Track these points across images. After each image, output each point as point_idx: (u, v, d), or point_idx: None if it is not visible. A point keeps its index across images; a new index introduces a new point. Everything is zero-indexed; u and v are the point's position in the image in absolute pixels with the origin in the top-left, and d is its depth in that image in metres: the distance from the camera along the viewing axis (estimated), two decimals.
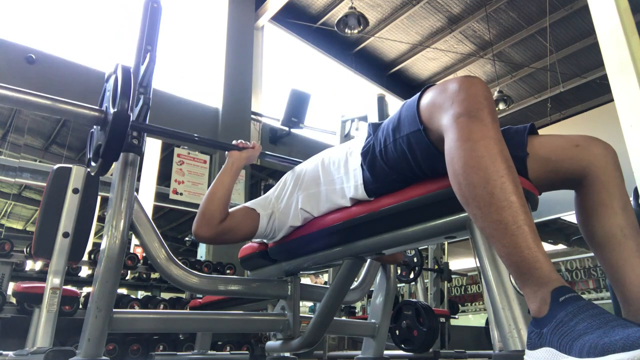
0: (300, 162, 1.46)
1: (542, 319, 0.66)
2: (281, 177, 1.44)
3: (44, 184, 2.06)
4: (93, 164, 1.20)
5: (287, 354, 1.49)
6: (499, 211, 0.71)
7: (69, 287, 3.07)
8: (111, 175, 1.26)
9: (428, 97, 0.89)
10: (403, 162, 0.97)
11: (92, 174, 1.21)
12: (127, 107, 1.08)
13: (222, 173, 1.40)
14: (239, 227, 1.31)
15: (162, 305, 3.64)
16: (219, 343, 3.69)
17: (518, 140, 0.98)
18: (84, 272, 3.87)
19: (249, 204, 1.37)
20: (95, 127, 1.22)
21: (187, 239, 8.92)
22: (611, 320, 0.60)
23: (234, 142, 1.50)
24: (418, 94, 0.92)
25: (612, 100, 3.05)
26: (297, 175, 1.36)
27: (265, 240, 1.46)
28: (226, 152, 1.48)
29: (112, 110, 1.09)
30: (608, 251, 0.87)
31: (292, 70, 7.32)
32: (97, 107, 1.19)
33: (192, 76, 5.99)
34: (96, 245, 4.05)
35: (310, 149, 6.01)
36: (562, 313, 0.64)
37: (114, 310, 1.17)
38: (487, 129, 0.76)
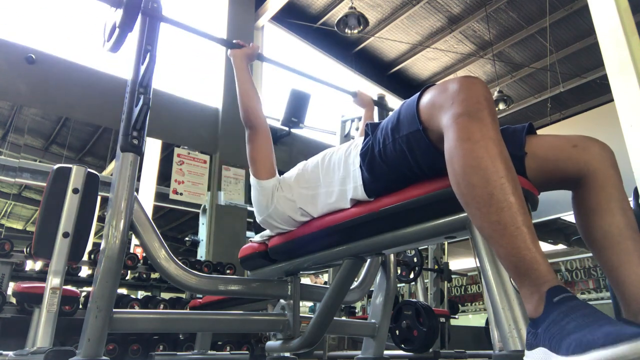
0: (297, 71, 1.67)
1: (538, 319, 0.67)
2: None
3: (44, 184, 2.06)
4: (108, 41, 1.38)
5: (287, 354, 1.49)
6: (498, 212, 0.71)
7: (69, 287, 3.07)
8: (111, 175, 1.26)
9: (428, 97, 0.89)
10: (402, 162, 0.97)
11: (108, 49, 1.39)
12: None
13: (237, 72, 1.56)
14: (268, 148, 1.46)
15: (162, 305, 3.64)
16: (219, 343, 3.68)
17: (516, 139, 0.98)
18: (84, 272, 3.87)
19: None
20: (110, 13, 1.40)
21: (187, 239, 8.91)
22: (600, 319, 0.60)
23: (234, 41, 1.65)
24: (417, 93, 0.92)
25: (612, 100, 3.05)
26: (297, 173, 1.36)
27: (265, 239, 1.46)
28: (228, 52, 1.63)
29: None
30: (606, 252, 0.87)
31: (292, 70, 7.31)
32: None
33: (192, 76, 5.99)
34: (96, 245, 4.05)
35: (310, 149, 6.01)
36: (554, 313, 0.64)
37: (114, 310, 1.17)
38: (487, 129, 0.76)
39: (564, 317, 0.63)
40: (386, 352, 1.73)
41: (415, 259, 4.15)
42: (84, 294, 3.44)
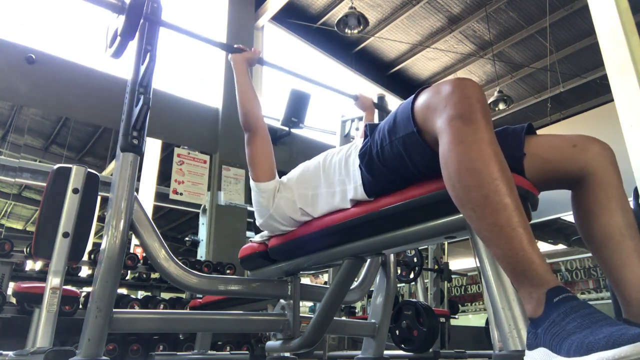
0: (297, 75, 1.57)
1: (538, 319, 0.67)
2: (282, 177, 1.45)
3: (44, 184, 2.06)
4: (109, 48, 1.39)
5: (287, 354, 1.49)
6: (493, 214, 0.72)
7: (69, 287, 3.07)
8: (111, 175, 1.26)
9: (422, 100, 0.89)
10: (400, 163, 0.97)
11: (110, 55, 1.40)
12: None
13: (237, 76, 1.56)
14: (267, 151, 1.46)
15: (162, 305, 3.64)
16: (219, 343, 3.68)
17: (515, 140, 0.98)
18: (84, 272, 3.87)
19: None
20: (111, 19, 1.42)
21: (187, 239, 8.91)
22: (601, 320, 0.60)
23: (235, 45, 1.65)
24: (413, 95, 0.92)
25: (612, 100, 3.05)
26: (298, 173, 1.36)
27: (265, 239, 1.46)
28: (229, 57, 1.63)
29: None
30: (606, 252, 0.87)
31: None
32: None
33: (192, 76, 5.99)
34: (96, 245, 4.06)
35: (310, 149, 6.02)
36: (555, 313, 0.64)
37: (114, 310, 1.17)
38: (480, 131, 0.76)
39: (565, 318, 0.63)
40: (386, 352, 1.73)
41: (415, 259, 4.15)
42: (84, 294, 3.44)
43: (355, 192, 1.11)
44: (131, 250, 4.42)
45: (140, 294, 4.54)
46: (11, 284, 3.21)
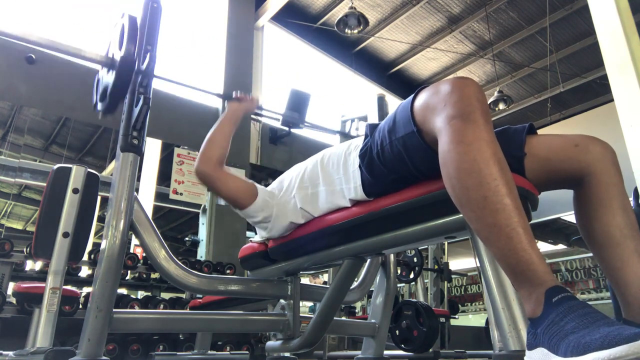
0: (300, 124, 1.56)
1: (537, 319, 0.67)
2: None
3: (44, 184, 2.06)
4: (99, 106, 1.29)
5: (287, 354, 1.49)
6: (492, 214, 0.71)
7: (69, 287, 3.07)
8: (111, 175, 1.26)
9: (422, 99, 0.89)
10: (400, 164, 0.97)
11: (100, 117, 1.31)
12: (133, 51, 1.19)
13: (223, 121, 1.49)
14: (235, 186, 1.38)
15: (162, 305, 3.64)
16: (219, 343, 3.68)
17: (516, 140, 0.97)
18: (84, 272, 3.87)
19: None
20: (101, 72, 1.34)
21: (187, 239, 8.89)
22: (598, 319, 0.60)
23: (234, 93, 1.61)
24: (412, 95, 0.92)
25: (612, 100, 3.05)
26: (297, 174, 1.36)
27: (264, 239, 1.46)
28: (226, 102, 1.59)
29: (119, 54, 1.21)
30: (607, 251, 0.87)
31: (292, 70, 7.31)
32: (105, 54, 1.34)
33: (192, 76, 5.99)
34: (96, 245, 4.05)
35: (310, 149, 6.01)
36: (553, 313, 0.64)
37: (114, 310, 1.17)
38: (479, 131, 0.76)
39: (563, 318, 0.63)
40: (386, 352, 1.73)
41: (415, 259, 4.15)
42: (84, 294, 3.44)
43: (355, 192, 1.11)
44: (131, 250, 4.42)
45: (140, 294, 4.53)
46: (11, 284, 3.21)
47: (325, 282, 5.90)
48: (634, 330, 0.54)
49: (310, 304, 5.13)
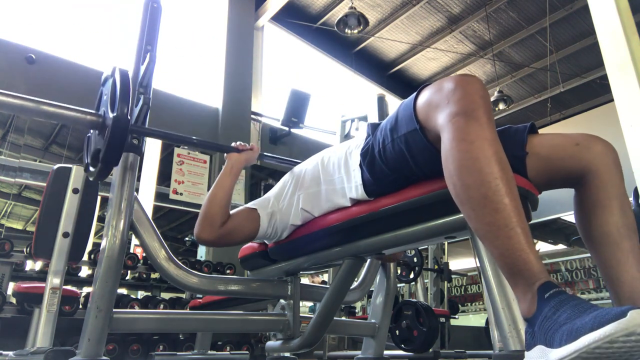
0: (299, 163, 1.47)
1: (532, 317, 0.67)
2: (281, 178, 1.44)
3: (44, 184, 2.06)
4: (91, 168, 1.18)
5: (287, 354, 1.49)
6: (492, 213, 0.71)
7: (69, 287, 3.07)
8: (111, 175, 1.26)
9: (424, 96, 0.89)
10: (402, 162, 0.96)
11: (91, 179, 1.19)
12: (126, 111, 1.06)
13: (222, 175, 1.39)
14: (240, 228, 1.30)
15: (162, 305, 3.64)
16: (219, 343, 3.68)
17: (518, 139, 0.97)
18: (84, 272, 3.87)
19: (249, 204, 1.37)
20: (92, 131, 1.20)
21: (187, 239, 8.92)
22: (590, 307, 0.60)
23: (232, 144, 1.49)
24: (415, 93, 0.92)
25: (612, 100, 3.05)
26: (297, 175, 1.36)
27: (266, 241, 1.46)
28: (225, 154, 1.47)
29: (110, 115, 1.07)
30: (603, 250, 0.87)
31: (292, 70, 7.32)
32: (94, 112, 1.17)
33: (192, 76, 5.99)
34: (96, 245, 4.05)
35: (310, 149, 6.01)
36: (546, 308, 0.65)
37: (114, 310, 1.17)
38: (482, 129, 0.76)
39: (556, 311, 0.63)
40: (386, 352, 1.73)
41: (415, 259, 4.14)
42: (84, 294, 3.44)
43: (355, 191, 1.11)
44: (131, 250, 4.42)
45: (140, 294, 4.54)
46: (11, 284, 3.21)
47: (324, 282, 5.90)
48: (622, 308, 0.54)
49: (310, 304, 5.13)
